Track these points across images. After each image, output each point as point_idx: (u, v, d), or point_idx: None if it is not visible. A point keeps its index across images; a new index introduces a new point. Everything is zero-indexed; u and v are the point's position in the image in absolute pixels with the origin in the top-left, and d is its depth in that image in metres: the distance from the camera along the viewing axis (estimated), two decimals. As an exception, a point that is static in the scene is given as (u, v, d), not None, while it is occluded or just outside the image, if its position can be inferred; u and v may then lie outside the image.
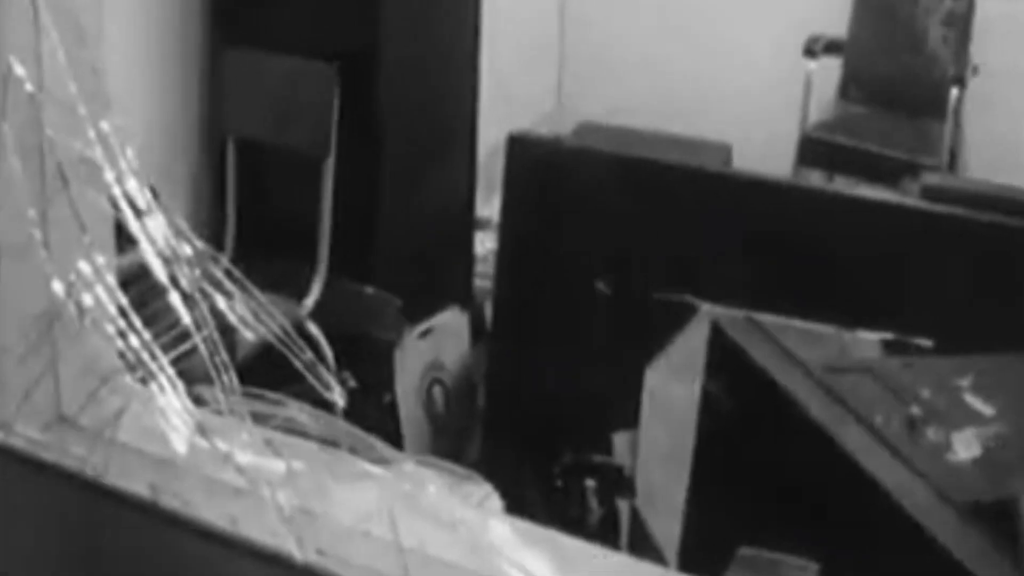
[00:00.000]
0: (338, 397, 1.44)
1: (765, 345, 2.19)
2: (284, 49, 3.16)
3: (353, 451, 1.49)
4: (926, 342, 2.89)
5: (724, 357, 2.22)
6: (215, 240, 3.20)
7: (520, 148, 3.20)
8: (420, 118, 3.29)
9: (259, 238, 3.21)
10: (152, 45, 3.19)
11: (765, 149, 4.14)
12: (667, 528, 3.00)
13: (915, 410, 2.16)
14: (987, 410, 2.23)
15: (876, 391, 2.24)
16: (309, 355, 1.43)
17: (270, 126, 3.12)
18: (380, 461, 1.49)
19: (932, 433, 2.12)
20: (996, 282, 2.91)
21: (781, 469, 2.05)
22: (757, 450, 2.11)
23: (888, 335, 2.92)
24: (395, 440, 3.27)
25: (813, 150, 4.50)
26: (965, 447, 2.08)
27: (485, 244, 3.81)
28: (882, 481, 1.84)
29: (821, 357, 2.93)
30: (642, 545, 3.04)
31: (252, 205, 3.20)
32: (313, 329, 3.02)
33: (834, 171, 4.56)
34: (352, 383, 2.84)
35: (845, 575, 1.54)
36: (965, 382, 2.32)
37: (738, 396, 2.17)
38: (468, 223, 3.56)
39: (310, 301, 3.03)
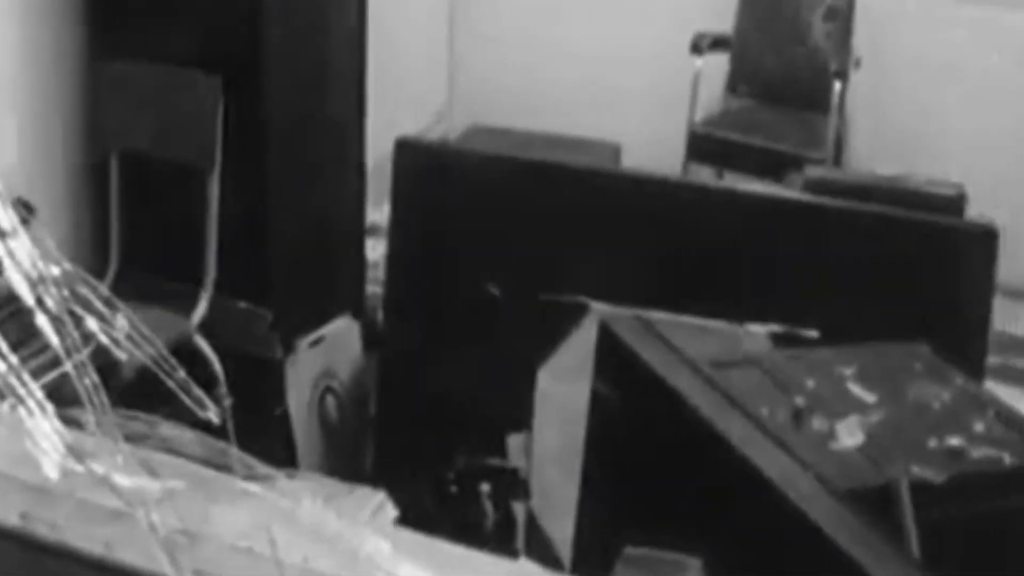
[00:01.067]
0: (213, 415, 1.42)
1: (653, 343, 2.19)
2: (166, 60, 3.12)
3: (231, 469, 1.47)
4: (813, 333, 2.93)
5: (612, 356, 2.23)
6: (101, 256, 3.15)
7: (408, 153, 3.19)
8: (306, 126, 3.26)
9: (145, 253, 3.15)
10: (27, 60, 3.13)
11: (655, 147, 4.17)
12: (562, 529, 3.00)
13: (800, 401, 2.18)
14: (869, 398, 2.26)
15: (762, 384, 2.25)
16: (182, 374, 1.41)
17: (153, 139, 3.07)
18: (261, 478, 1.47)
19: (816, 422, 2.14)
20: (880, 272, 2.95)
21: (669, 467, 2.06)
22: (646, 449, 2.12)
23: (776, 328, 2.95)
24: (288, 453, 3.24)
25: (701, 146, 4.54)
26: (849, 435, 2.11)
27: (377, 250, 3.80)
28: (767, 473, 1.86)
29: (712, 353, 2.97)
30: (538, 547, 3.04)
31: (137, 219, 3.15)
32: (202, 344, 2.98)
33: (723, 166, 4.61)
34: (228, 400, 2.80)
35: (730, 569, 1.56)
36: (849, 371, 2.35)
37: (626, 395, 2.17)
38: (358, 230, 3.54)
39: (197, 316, 2.98)
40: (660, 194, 3.08)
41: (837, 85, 4.37)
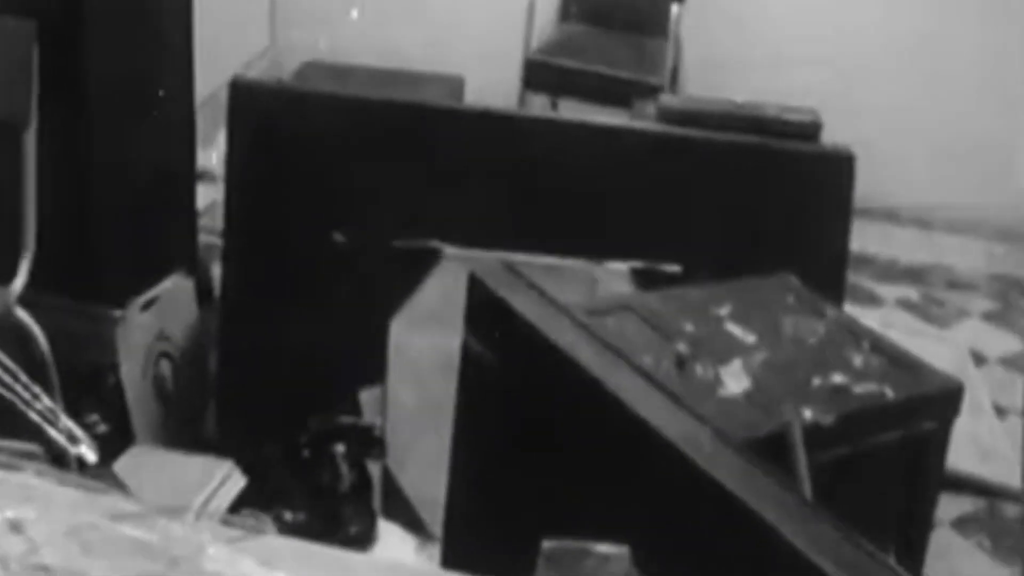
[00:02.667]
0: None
1: (526, 293, 2.06)
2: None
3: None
4: (674, 268, 2.84)
5: (483, 310, 2.08)
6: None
7: (242, 94, 2.97)
8: (130, 74, 3.00)
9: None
10: None
11: (497, 78, 4.01)
12: (420, 485, 2.88)
13: (681, 347, 2.08)
14: (748, 337, 2.18)
15: (640, 330, 2.15)
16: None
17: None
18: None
19: (700, 369, 2.05)
20: (738, 202, 2.88)
21: (555, 427, 1.93)
22: (527, 408, 1.99)
23: (637, 264, 2.86)
24: (123, 424, 3.02)
25: (537, 74, 4.40)
26: (735, 380, 2.02)
27: (207, 197, 3.57)
28: (666, 432, 1.74)
29: (573, 293, 2.85)
30: (396, 507, 2.91)
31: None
32: (24, 317, 2.73)
33: (559, 94, 4.49)
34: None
35: (635, 538, 1.44)
36: (724, 311, 2.26)
37: (502, 350, 2.04)
38: (189, 180, 3.30)
39: (18, 285, 2.72)
40: (509, 130, 2.94)
41: (674, 8, 4.27)
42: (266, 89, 3.00)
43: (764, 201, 2.85)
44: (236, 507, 2.86)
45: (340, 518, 2.84)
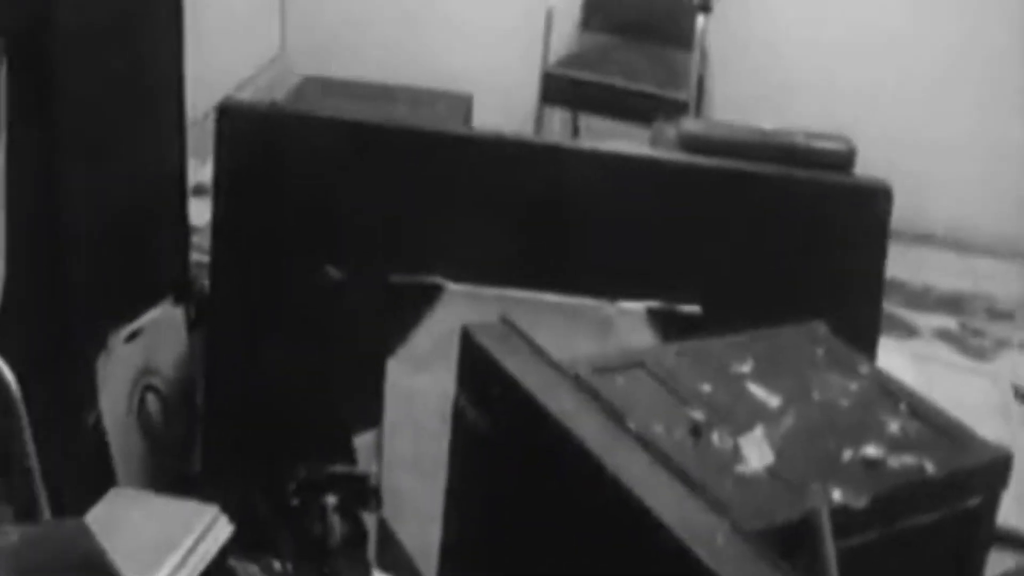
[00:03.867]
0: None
1: (522, 352, 1.85)
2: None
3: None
4: (694, 308, 2.63)
5: (476, 370, 1.88)
6: None
7: (231, 117, 2.77)
8: (107, 93, 2.80)
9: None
10: None
11: (510, 94, 3.81)
12: (419, 537, 2.68)
13: (697, 414, 1.86)
14: (773, 400, 1.96)
15: (653, 392, 1.93)
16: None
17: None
18: None
19: (718, 439, 1.83)
20: (764, 238, 2.66)
21: (551, 505, 1.73)
22: (522, 482, 1.79)
23: (654, 303, 2.65)
24: (103, 466, 2.82)
25: (555, 87, 4.21)
26: (756, 453, 1.80)
27: (205, 215, 3.36)
28: (666, 519, 1.53)
29: (585, 335, 2.64)
30: (392, 557, 2.71)
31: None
32: (-10, 354, 2.54)
33: (578, 108, 4.30)
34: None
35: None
36: (746, 368, 2.04)
37: (495, 418, 1.83)
38: (178, 201, 3.09)
39: (-16, 319, 2.54)
40: (517, 157, 2.72)
41: (700, 19, 4.05)
42: (255, 112, 2.79)
43: (792, 237, 2.63)
44: (222, 556, 2.67)
45: (332, 572, 2.64)
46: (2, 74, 2.51)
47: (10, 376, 2.56)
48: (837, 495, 1.74)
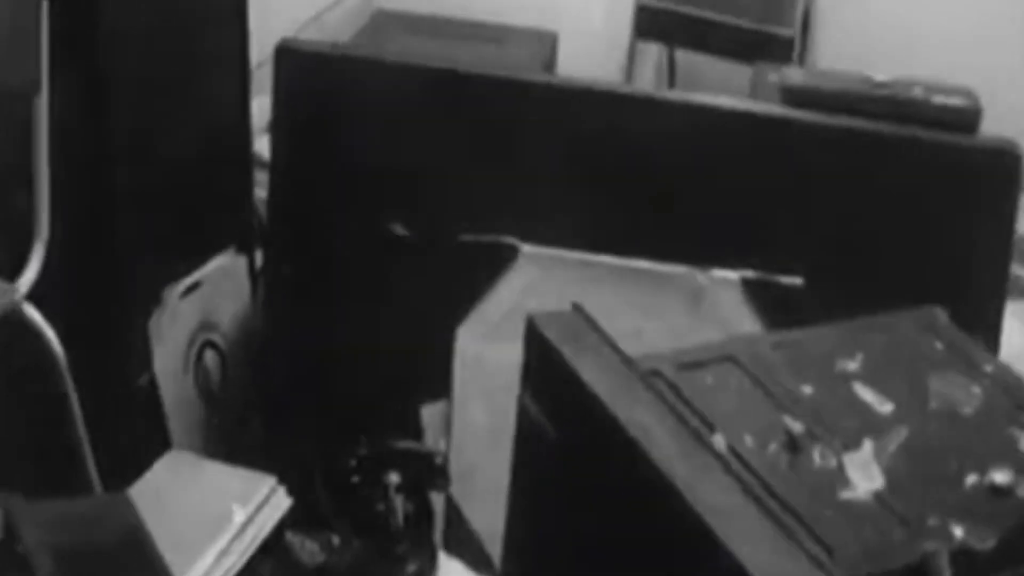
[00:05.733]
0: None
1: (596, 349, 1.63)
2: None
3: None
4: (794, 280, 2.39)
5: (543, 368, 1.67)
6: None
7: (289, 61, 2.56)
8: (162, 27, 2.59)
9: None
10: None
11: (599, 29, 3.54)
12: (488, 517, 2.48)
13: (796, 426, 1.63)
14: (884, 407, 1.72)
15: (745, 393, 1.70)
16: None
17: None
18: None
19: (819, 457, 1.60)
20: (874, 205, 2.40)
21: (620, 524, 1.52)
22: (590, 495, 1.58)
23: (749, 273, 2.41)
24: (157, 430, 2.66)
25: (650, 20, 3.94)
26: (864, 475, 1.57)
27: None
28: (748, 565, 1.31)
29: (674, 305, 2.42)
30: (460, 539, 2.52)
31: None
32: (34, 315, 2.37)
33: (674, 43, 4.01)
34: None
35: None
36: (854, 365, 1.79)
37: (562, 423, 1.62)
38: (243, 148, 2.89)
39: (28, 278, 2.35)
40: (604, 109, 2.48)
41: (809, -56, 3.77)
42: (317, 55, 2.57)
43: (907, 205, 2.38)
44: (279, 530, 2.51)
45: (395, 553, 2.46)
46: (43, 12, 2.31)
47: (54, 337, 2.40)
48: (959, 532, 1.50)
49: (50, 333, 2.39)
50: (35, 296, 2.37)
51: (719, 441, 1.58)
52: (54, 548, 2.15)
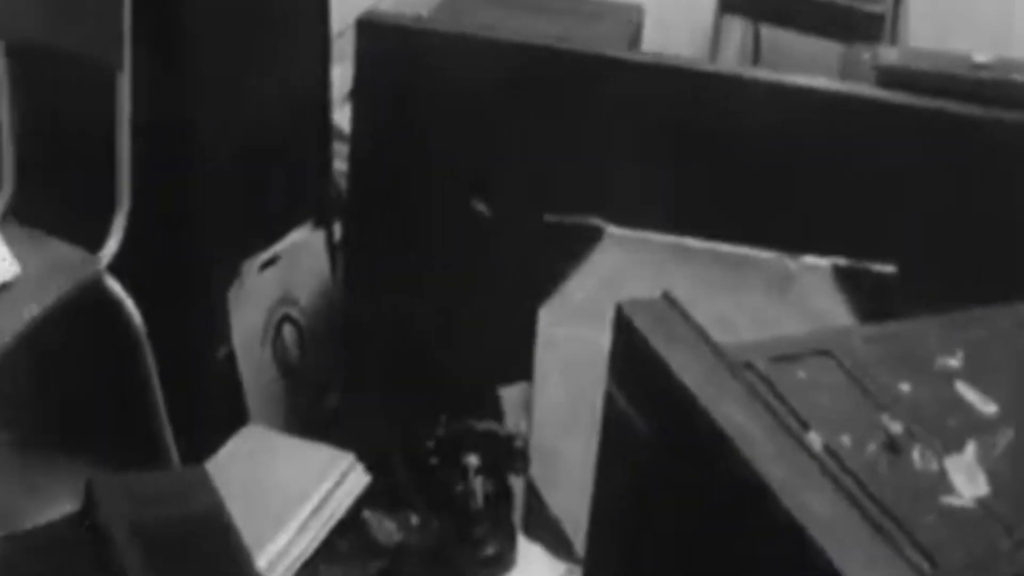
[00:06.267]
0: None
1: (687, 340, 1.59)
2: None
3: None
4: (887, 268, 2.32)
5: (631, 358, 1.63)
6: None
7: (370, 34, 2.52)
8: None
9: (48, 167, 2.51)
10: None
11: (684, 4, 3.47)
12: (569, 502, 2.46)
13: (895, 426, 1.57)
14: (988, 407, 1.65)
15: (841, 390, 1.64)
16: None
17: (48, 26, 2.40)
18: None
19: (919, 459, 1.54)
20: (972, 192, 2.32)
21: (710, 523, 1.48)
22: (678, 492, 1.54)
23: (841, 260, 2.35)
24: (235, 405, 2.66)
25: (736, -6, 3.85)
26: (967, 480, 1.51)
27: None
28: (846, 571, 1.27)
29: (762, 292, 2.36)
30: (539, 523, 2.50)
31: (37, 126, 2.49)
32: (114, 287, 2.36)
33: (760, 19, 3.93)
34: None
35: None
36: (955, 362, 1.73)
37: (650, 416, 1.58)
38: (322, 121, 2.86)
39: (109, 250, 2.34)
40: (691, 88, 2.42)
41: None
42: (398, 29, 2.52)
43: (1005, 192, 2.29)
44: (356, 508, 2.49)
45: (473, 536, 2.43)
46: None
47: (134, 309, 2.39)
48: (1068, 543, 1.44)
49: (130, 305, 2.38)
50: (115, 268, 2.37)
51: (815, 440, 1.53)
52: (132, 520, 2.15)
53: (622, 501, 1.72)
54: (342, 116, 2.92)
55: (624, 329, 1.63)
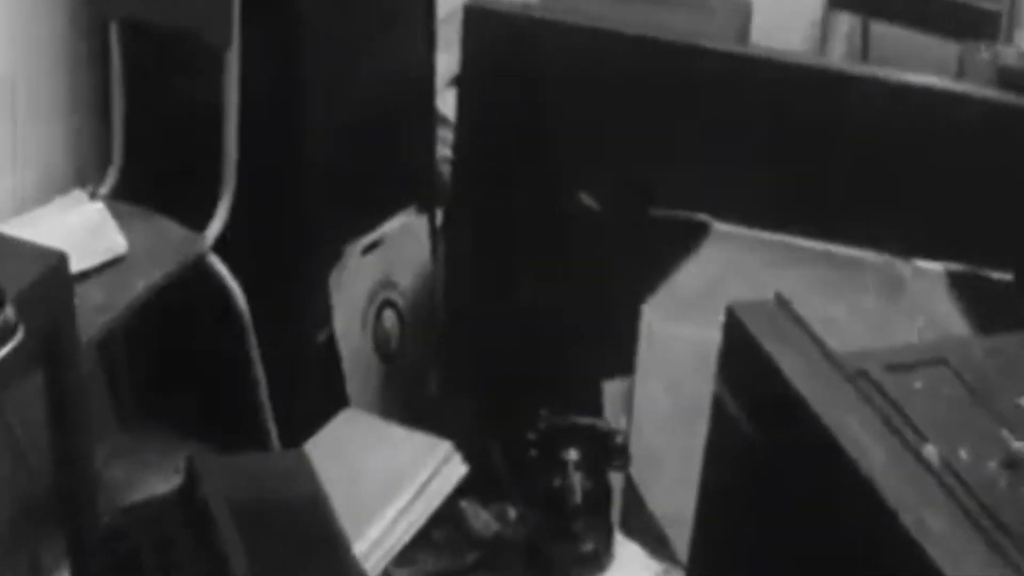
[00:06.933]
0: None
1: (800, 345, 1.56)
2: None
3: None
4: (1005, 276, 2.27)
5: (741, 360, 1.60)
6: (102, 151, 2.54)
7: (478, 21, 2.50)
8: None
9: (156, 146, 2.53)
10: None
11: (792, 2, 3.41)
12: (668, 501, 2.44)
13: (1016, 441, 1.53)
14: (1107, 425, 1.61)
15: (958, 401, 1.61)
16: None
17: (158, 5, 2.42)
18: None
19: (1039, 479, 1.51)
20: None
21: (813, 523, 1.45)
22: (789, 499, 1.51)
23: (956, 266, 2.29)
24: (336, 385, 2.66)
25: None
26: (1086, 501, 1.47)
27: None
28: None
29: (873, 295, 2.32)
30: (637, 521, 2.48)
31: (144, 105, 2.51)
32: (219, 267, 2.38)
33: (869, 14, 3.84)
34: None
35: None
36: (1075, 378, 1.69)
37: (760, 420, 1.56)
38: (427, 106, 2.86)
39: (215, 229, 2.37)
40: (802, 84, 2.38)
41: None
42: (505, 16, 2.50)
43: None
44: (453, 497, 2.49)
45: (571, 531, 2.42)
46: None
47: (238, 289, 2.41)
48: None
49: (234, 285, 2.40)
50: (219, 248, 2.39)
51: (932, 453, 1.49)
52: (231, 499, 2.17)
53: (729, 504, 1.69)
54: (444, 102, 2.92)
55: (735, 331, 1.61)
